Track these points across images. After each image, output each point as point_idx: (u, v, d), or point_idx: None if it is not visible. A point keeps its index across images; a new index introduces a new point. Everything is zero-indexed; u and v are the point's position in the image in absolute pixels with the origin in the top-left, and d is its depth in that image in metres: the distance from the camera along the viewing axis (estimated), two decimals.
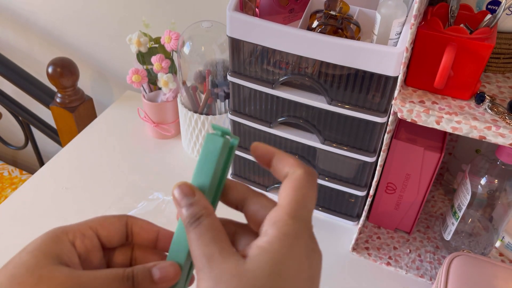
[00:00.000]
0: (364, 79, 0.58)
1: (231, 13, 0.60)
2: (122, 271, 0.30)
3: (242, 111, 0.72)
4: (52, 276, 0.28)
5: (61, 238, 0.30)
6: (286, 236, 0.26)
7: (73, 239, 0.31)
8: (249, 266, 0.26)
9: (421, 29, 0.51)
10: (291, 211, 0.27)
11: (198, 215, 0.28)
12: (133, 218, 0.34)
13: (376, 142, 0.64)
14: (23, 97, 1.24)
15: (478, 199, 0.64)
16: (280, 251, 0.26)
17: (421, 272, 0.68)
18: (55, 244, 0.30)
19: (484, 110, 0.51)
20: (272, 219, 0.27)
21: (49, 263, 0.29)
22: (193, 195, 0.29)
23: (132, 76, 0.84)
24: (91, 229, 0.32)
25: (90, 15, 1.07)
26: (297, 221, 0.27)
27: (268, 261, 0.26)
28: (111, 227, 0.32)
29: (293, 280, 0.26)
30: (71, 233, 0.31)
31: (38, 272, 0.28)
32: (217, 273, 0.26)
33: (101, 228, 0.32)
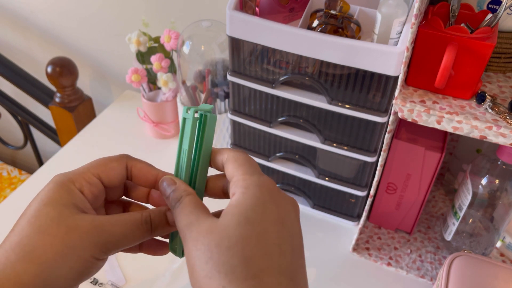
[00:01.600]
0: (364, 79, 0.58)
1: (231, 12, 0.60)
2: (140, 216, 0.33)
3: (242, 111, 0.71)
4: (78, 225, 0.30)
5: (70, 187, 0.32)
6: (247, 189, 0.30)
7: (80, 187, 0.33)
8: (221, 221, 0.29)
9: (422, 29, 0.50)
10: (244, 171, 0.31)
11: (179, 197, 0.32)
12: (133, 159, 0.36)
13: (377, 142, 0.64)
14: (22, 97, 1.24)
15: (479, 199, 0.64)
16: (245, 202, 0.29)
17: (422, 273, 0.68)
18: (68, 194, 0.32)
19: (485, 110, 0.51)
20: (233, 184, 0.31)
21: (71, 212, 0.31)
22: (173, 184, 0.33)
23: (132, 76, 0.83)
24: (94, 176, 0.34)
25: (89, 15, 1.06)
26: (252, 175, 0.31)
27: (236, 213, 0.28)
28: (112, 172, 0.35)
29: (261, 223, 0.28)
30: (78, 181, 0.33)
31: (64, 223, 0.30)
32: (195, 234, 0.29)
33: (103, 173, 0.34)
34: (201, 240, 0.28)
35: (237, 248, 0.27)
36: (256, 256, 0.27)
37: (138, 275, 0.66)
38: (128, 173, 0.36)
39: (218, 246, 0.27)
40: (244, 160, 0.32)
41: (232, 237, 0.27)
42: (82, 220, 0.31)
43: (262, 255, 0.27)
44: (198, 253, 0.28)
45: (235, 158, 0.33)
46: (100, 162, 0.34)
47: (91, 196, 0.33)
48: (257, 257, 0.27)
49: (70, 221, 0.30)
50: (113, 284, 0.64)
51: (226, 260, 0.27)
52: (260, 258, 0.27)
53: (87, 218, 0.31)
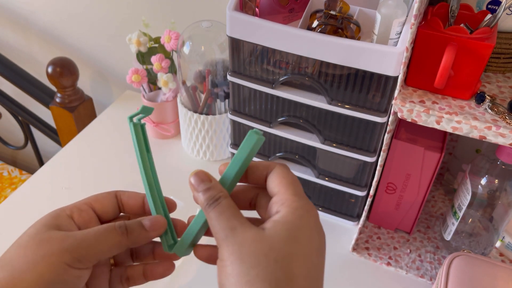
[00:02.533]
0: (364, 79, 0.58)
1: (231, 12, 0.60)
2: (113, 223, 0.34)
3: (242, 111, 0.72)
4: (50, 237, 0.32)
5: (59, 213, 0.34)
6: (296, 210, 0.30)
7: (70, 214, 0.35)
8: (269, 233, 0.29)
9: (421, 29, 0.51)
10: (293, 191, 0.32)
11: (217, 197, 0.32)
12: (121, 191, 0.38)
13: (376, 142, 0.64)
14: (23, 97, 1.24)
15: (478, 199, 0.64)
16: (294, 222, 0.30)
17: (421, 272, 0.68)
18: (54, 218, 0.34)
19: (485, 110, 0.51)
20: (279, 201, 0.31)
21: (48, 230, 0.33)
22: (209, 180, 0.33)
23: (132, 76, 0.84)
24: (86, 204, 0.36)
25: (89, 15, 1.06)
26: (301, 198, 0.31)
27: (284, 229, 0.29)
28: (104, 201, 0.37)
29: (307, 246, 0.29)
30: (68, 209, 0.35)
31: (39, 236, 0.32)
32: (241, 239, 0.29)
33: (95, 202, 0.36)
34: (247, 247, 0.28)
35: (284, 262, 0.28)
36: (301, 275, 0.28)
37: None
38: (119, 202, 0.38)
39: (266, 256, 0.28)
40: (292, 179, 0.33)
41: (281, 251, 0.28)
42: (55, 234, 0.32)
43: (305, 276, 0.29)
44: (242, 258, 0.28)
45: (283, 174, 0.33)
46: (92, 196, 0.37)
47: (81, 221, 0.35)
48: (301, 277, 0.28)
49: (44, 235, 0.32)
50: None
51: (272, 271, 0.27)
52: (303, 278, 0.28)
53: (60, 232, 0.33)
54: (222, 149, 0.86)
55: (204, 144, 0.85)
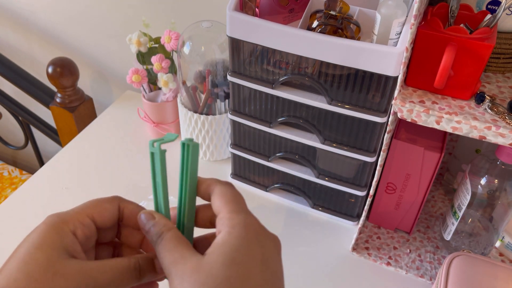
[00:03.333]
0: (364, 79, 0.58)
1: (231, 13, 0.60)
2: (128, 263, 0.33)
3: (242, 111, 0.72)
4: (65, 271, 0.30)
5: (63, 229, 0.32)
6: (233, 228, 0.30)
7: (73, 229, 0.32)
8: (206, 260, 0.29)
9: (421, 29, 0.51)
10: (231, 209, 0.32)
11: (160, 232, 0.32)
12: (125, 201, 0.36)
13: (376, 142, 0.64)
14: (23, 97, 1.24)
15: (478, 199, 0.64)
16: (230, 242, 0.29)
17: (421, 272, 0.68)
18: (60, 236, 0.31)
19: (484, 110, 0.51)
20: (220, 221, 0.32)
21: (60, 257, 0.30)
22: (153, 218, 0.34)
23: (132, 76, 0.84)
24: (88, 217, 0.34)
25: (90, 15, 1.07)
26: (239, 214, 0.31)
27: (221, 252, 0.29)
28: (106, 213, 0.35)
29: (246, 265, 0.29)
30: (71, 223, 0.33)
31: (52, 269, 0.30)
32: (180, 272, 0.29)
33: (97, 214, 0.34)
34: (186, 279, 0.28)
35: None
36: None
37: None
38: (120, 214, 0.36)
39: (203, 285, 0.28)
40: (231, 196, 0.33)
41: (217, 277, 0.28)
42: (69, 266, 0.30)
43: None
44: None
45: (223, 193, 0.33)
46: (93, 203, 0.35)
47: (83, 237, 0.33)
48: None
49: (58, 266, 0.30)
50: None
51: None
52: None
53: (75, 264, 0.31)
54: (222, 149, 0.87)
55: (204, 144, 0.85)
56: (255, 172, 0.80)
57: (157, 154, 0.34)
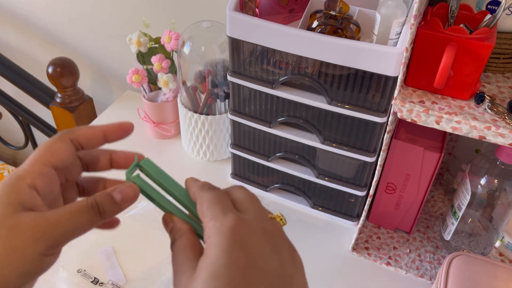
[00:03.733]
0: (364, 79, 0.58)
1: (231, 13, 0.60)
2: (85, 202, 0.32)
3: (242, 111, 0.72)
4: (20, 223, 0.29)
5: (19, 185, 0.30)
6: (210, 239, 0.29)
7: (32, 182, 0.31)
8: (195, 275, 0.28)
9: (421, 29, 0.51)
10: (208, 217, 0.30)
11: (173, 239, 0.33)
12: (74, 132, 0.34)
13: (376, 142, 0.64)
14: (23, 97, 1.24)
15: (478, 199, 0.64)
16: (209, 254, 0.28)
17: (421, 272, 0.68)
18: (15, 193, 0.30)
19: (484, 110, 0.51)
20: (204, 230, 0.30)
21: (14, 211, 0.29)
22: (171, 221, 0.34)
23: (132, 76, 0.84)
24: (45, 164, 0.32)
25: (90, 15, 1.07)
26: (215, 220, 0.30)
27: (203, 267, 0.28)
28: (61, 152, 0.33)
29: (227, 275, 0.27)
30: (28, 177, 0.31)
31: (6, 223, 0.29)
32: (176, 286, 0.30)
33: (53, 158, 0.32)
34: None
35: None
36: None
37: (139, 274, 0.66)
38: (77, 145, 0.35)
39: None
40: (210, 201, 0.31)
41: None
42: (24, 218, 0.29)
43: None
44: None
45: (201, 201, 0.32)
46: (45, 148, 0.33)
47: (45, 187, 0.32)
48: None
49: (12, 221, 0.29)
50: (113, 284, 0.64)
51: None
52: None
53: (30, 215, 0.30)
54: (222, 149, 0.87)
55: (204, 144, 0.85)
56: (255, 172, 0.80)
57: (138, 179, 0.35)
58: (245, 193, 0.33)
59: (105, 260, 0.67)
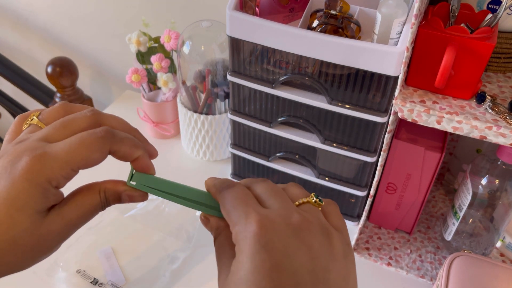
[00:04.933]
0: (364, 79, 0.58)
1: (231, 12, 0.60)
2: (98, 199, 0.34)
3: (242, 111, 0.71)
4: (49, 231, 0.31)
5: (47, 188, 0.30)
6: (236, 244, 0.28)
7: (57, 184, 0.31)
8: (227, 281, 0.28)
9: (422, 29, 0.50)
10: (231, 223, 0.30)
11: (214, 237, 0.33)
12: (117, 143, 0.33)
13: (377, 142, 0.64)
14: (23, 97, 1.24)
15: (479, 199, 0.64)
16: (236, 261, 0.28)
17: (422, 273, 0.68)
18: (44, 198, 0.30)
19: (485, 110, 0.51)
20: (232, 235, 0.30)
21: (43, 218, 0.30)
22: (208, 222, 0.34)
23: (132, 76, 0.83)
24: (74, 171, 0.31)
25: (89, 15, 1.06)
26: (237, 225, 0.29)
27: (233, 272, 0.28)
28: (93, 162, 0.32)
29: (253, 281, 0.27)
30: (55, 180, 0.30)
31: (37, 233, 0.30)
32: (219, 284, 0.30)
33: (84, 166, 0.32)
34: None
35: None
36: None
37: (138, 275, 0.66)
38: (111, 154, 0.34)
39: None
40: (230, 205, 0.30)
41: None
42: (52, 224, 0.31)
43: None
44: None
45: (222, 203, 0.31)
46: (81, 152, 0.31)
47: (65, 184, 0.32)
48: None
49: (43, 229, 0.30)
50: (113, 284, 0.64)
51: None
52: None
53: (56, 220, 0.31)
54: (222, 149, 0.86)
55: (204, 143, 0.85)
56: (255, 172, 0.79)
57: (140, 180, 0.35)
58: (268, 186, 0.32)
59: (105, 261, 0.67)
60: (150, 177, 0.35)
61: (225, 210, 0.31)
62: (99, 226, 0.72)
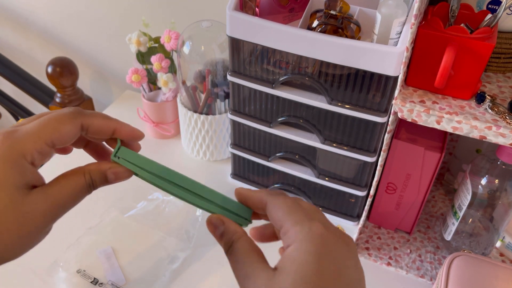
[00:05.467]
0: (364, 79, 0.58)
1: (231, 12, 0.60)
2: (83, 180, 0.34)
3: (242, 111, 0.72)
4: (32, 209, 0.30)
5: (22, 164, 0.30)
6: (300, 244, 0.29)
7: (32, 160, 0.31)
8: (277, 278, 0.28)
9: (422, 29, 0.51)
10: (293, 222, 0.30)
11: (230, 242, 0.32)
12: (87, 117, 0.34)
13: (377, 142, 0.64)
14: (23, 97, 1.24)
15: (478, 199, 0.64)
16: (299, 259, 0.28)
17: (422, 272, 0.68)
18: (20, 172, 0.30)
19: (485, 110, 0.51)
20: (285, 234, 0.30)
21: (24, 195, 0.30)
22: (222, 224, 0.33)
23: (132, 76, 0.84)
24: (47, 144, 0.31)
25: (89, 15, 1.06)
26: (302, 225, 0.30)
27: (292, 271, 0.28)
28: (66, 136, 0.33)
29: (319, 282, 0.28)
30: (29, 154, 0.30)
31: (19, 211, 0.30)
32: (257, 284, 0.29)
33: (57, 139, 0.32)
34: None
35: None
36: None
37: (138, 275, 0.66)
38: (84, 131, 0.34)
39: None
40: (289, 207, 0.31)
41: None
42: (35, 203, 0.30)
43: None
44: None
45: (280, 203, 0.32)
46: (51, 125, 0.32)
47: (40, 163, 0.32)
48: None
49: (24, 207, 0.30)
50: (113, 284, 0.64)
51: None
52: None
53: (39, 199, 0.31)
54: (222, 149, 0.86)
55: (204, 144, 0.85)
56: (255, 172, 0.79)
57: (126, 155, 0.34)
58: (309, 203, 0.34)
59: (105, 260, 0.67)
60: (136, 154, 0.35)
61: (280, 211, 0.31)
62: (99, 226, 0.72)
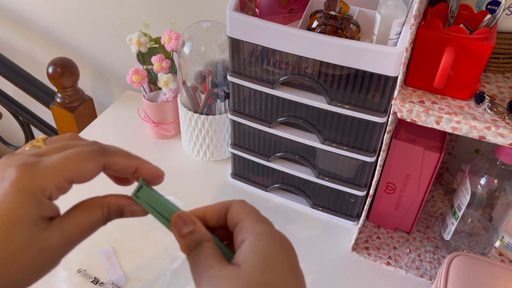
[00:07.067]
0: (364, 79, 0.58)
1: (231, 13, 0.60)
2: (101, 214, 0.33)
3: (242, 111, 0.72)
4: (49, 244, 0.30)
5: (40, 198, 0.29)
6: (261, 235, 0.30)
7: (50, 195, 0.30)
8: (243, 267, 0.29)
9: (421, 29, 0.51)
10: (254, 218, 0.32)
11: (199, 240, 0.32)
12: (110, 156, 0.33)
13: (376, 142, 0.64)
14: (23, 97, 1.24)
15: (477, 198, 0.64)
16: (263, 248, 0.29)
17: (421, 272, 0.68)
18: (38, 208, 0.29)
19: (484, 110, 0.51)
20: (243, 228, 0.31)
21: (41, 230, 0.30)
22: (193, 223, 0.33)
23: (132, 76, 0.84)
24: (67, 181, 0.31)
25: (90, 15, 1.07)
26: (263, 223, 0.31)
27: (256, 259, 0.29)
28: (87, 175, 0.32)
29: (280, 272, 0.29)
30: (47, 189, 0.30)
31: (36, 246, 0.29)
32: (217, 279, 0.29)
33: (77, 178, 0.31)
34: (224, 285, 0.28)
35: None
36: None
37: (139, 274, 0.66)
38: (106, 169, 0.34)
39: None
40: (251, 209, 0.33)
41: (258, 284, 0.28)
42: (52, 238, 0.30)
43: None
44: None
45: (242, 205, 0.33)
46: (73, 162, 0.31)
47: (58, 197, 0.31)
48: None
49: (41, 242, 0.29)
50: (114, 284, 0.65)
51: None
52: None
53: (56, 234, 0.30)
54: (222, 149, 0.87)
55: (204, 144, 0.85)
56: (255, 172, 0.80)
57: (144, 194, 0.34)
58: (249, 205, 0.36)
59: (105, 260, 0.67)
60: (156, 197, 0.34)
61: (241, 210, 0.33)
62: None
